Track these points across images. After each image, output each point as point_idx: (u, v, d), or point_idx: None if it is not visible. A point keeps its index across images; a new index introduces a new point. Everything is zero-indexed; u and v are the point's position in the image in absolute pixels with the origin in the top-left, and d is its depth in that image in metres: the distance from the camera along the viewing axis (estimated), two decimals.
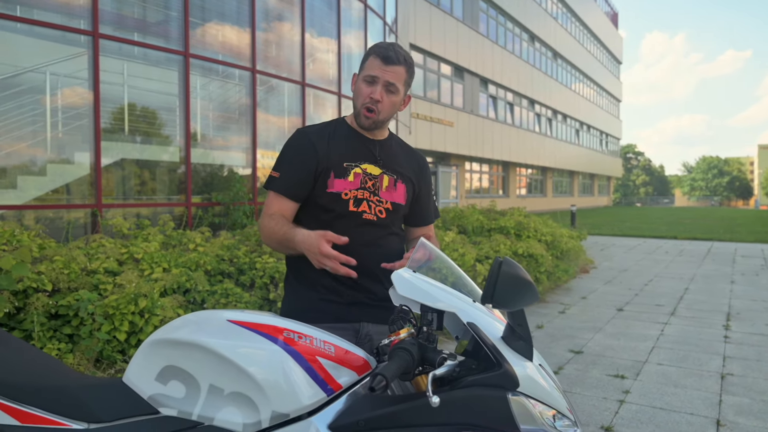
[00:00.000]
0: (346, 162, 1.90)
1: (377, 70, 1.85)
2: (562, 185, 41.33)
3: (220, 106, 8.75)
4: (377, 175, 1.93)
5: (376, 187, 1.93)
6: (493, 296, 1.26)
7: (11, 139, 6.35)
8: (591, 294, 7.99)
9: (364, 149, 1.95)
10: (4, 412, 1.38)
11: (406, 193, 1.99)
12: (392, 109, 1.91)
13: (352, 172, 1.89)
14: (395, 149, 2.03)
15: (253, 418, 1.31)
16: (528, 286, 1.27)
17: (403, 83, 1.90)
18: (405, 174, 2.00)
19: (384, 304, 1.83)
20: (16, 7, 6.33)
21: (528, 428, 1.28)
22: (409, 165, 2.05)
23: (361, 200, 1.89)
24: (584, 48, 41.30)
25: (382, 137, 2.01)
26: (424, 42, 21.44)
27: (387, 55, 1.84)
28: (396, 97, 1.89)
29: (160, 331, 1.44)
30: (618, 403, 3.90)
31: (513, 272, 1.26)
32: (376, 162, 1.94)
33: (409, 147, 2.13)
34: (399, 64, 1.86)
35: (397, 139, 2.10)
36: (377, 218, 1.90)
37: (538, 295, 1.31)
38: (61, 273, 4.02)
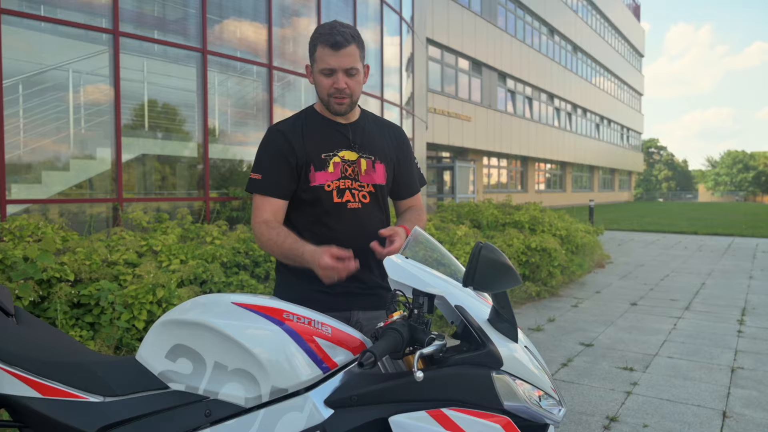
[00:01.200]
0: (324, 153, 1.90)
1: (332, 61, 1.81)
2: (582, 180, 40.98)
3: (238, 102, 8.89)
4: (355, 160, 1.93)
5: (356, 172, 1.93)
6: (474, 279, 1.33)
7: (36, 135, 6.54)
8: (605, 288, 7.99)
9: (338, 136, 1.94)
10: (27, 385, 1.50)
11: (385, 172, 1.99)
12: (359, 87, 1.90)
13: (331, 163, 1.90)
14: (369, 128, 2.01)
15: (255, 393, 1.41)
16: (507, 270, 1.34)
17: (359, 61, 1.87)
18: (382, 152, 1.99)
19: (373, 291, 1.93)
20: (41, 6, 6.51)
21: (511, 404, 1.36)
22: (385, 141, 2.03)
23: (343, 190, 1.90)
24: (605, 41, 40.82)
25: (354, 118, 1.99)
26: (441, 37, 21.42)
27: (335, 41, 1.79)
28: (359, 76, 1.87)
29: (170, 312, 1.54)
30: (625, 395, 3.95)
31: (492, 257, 1.33)
32: (351, 147, 1.93)
33: (384, 121, 2.11)
34: (349, 45, 1.81)
35: (370, 115, 2.08)
36: (362, 205, 1.92)
37: (520, 279, 1.38)
38: (83, 264, 4.17)
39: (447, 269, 1.57)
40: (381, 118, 2.12)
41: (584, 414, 3.61)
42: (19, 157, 6.28)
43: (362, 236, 1.89)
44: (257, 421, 1.40)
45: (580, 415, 3.60)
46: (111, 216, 6.94)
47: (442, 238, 6.65)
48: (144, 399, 1.48)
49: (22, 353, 1.53)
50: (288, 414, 1.39)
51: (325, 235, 1.89)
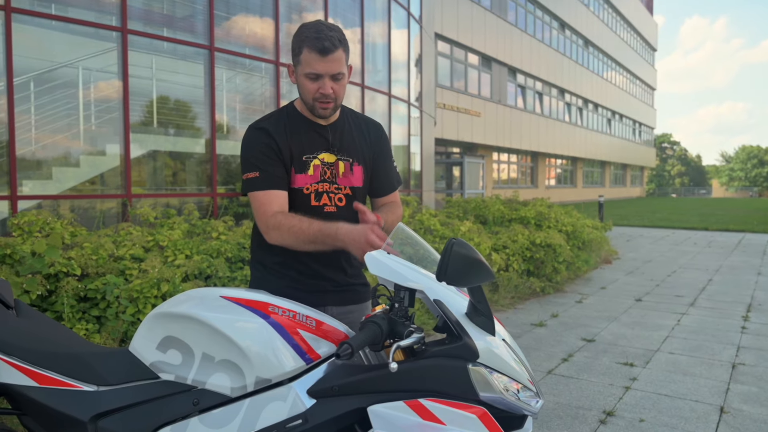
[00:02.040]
0: (305, 155, 1.91)
1: (318, 66, 1.78)
2: (593, 176, 40.76)
3: (246, 99, 8.96)
4: (333, 162, 1.94)
5: (334, 174, 1.93)
6: (446, 274, 1.37)
7: (47, 132, 6.64)
8: (611, 284, 7.99)
9: (319, 138, 1.93)
10: (25, 375, 1.56)
11: (363, 174, 1.99)
12: (343, 90, 1.89)
13: (311, 165, 1.90)
14: (348, 128, 2.00)
15: (240, 383, 1.46)
16: (479, 266, 1.38)
17: (344, 65, 1.84)
18: (359, 154, 1.98)
19: (346, 288, 1.96)
20: (51, 5, 6.61)
21: (487, 395, 1.40)
22: (364, 141, 2.01)
23: (321, 193, 1.91)
24: (617, 35, 40.49)
25: (334, 119, 1.98)
26: (450, 32, 21.37)
27: (323, 47, 1.76)
28: (344, 80, 1.86)
29: (161, 305, 1.60)
30: (623, 390, 3.97)
31: (464, 252, 1.37)
32: (330, 149, 1.94)
33: (363, 118, 2.08)
34: (336, 51, 1.78)
35: (350, 113, 2.05)
36: (337, 208, 1.93)
37: (493, 275, 1.42)
38: (90, 259, 4.26)
39: (430, 265, 1.61)
40: (361, 115, 2.10)
41: (581, 408, 3.64)
42: (30, 153, 6.39)
43: None
44: (243, 410, 1.45)
45: (577, 409, 3.63)
46: (120, 212, 7.05)
47: (446, 233, 6.69)
48: (136, 388, 1.54)
49: (21, 344, 1.60)
50: (272, 403, 1.44)
51: None
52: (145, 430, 1.50)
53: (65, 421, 1.52)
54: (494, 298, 6.47)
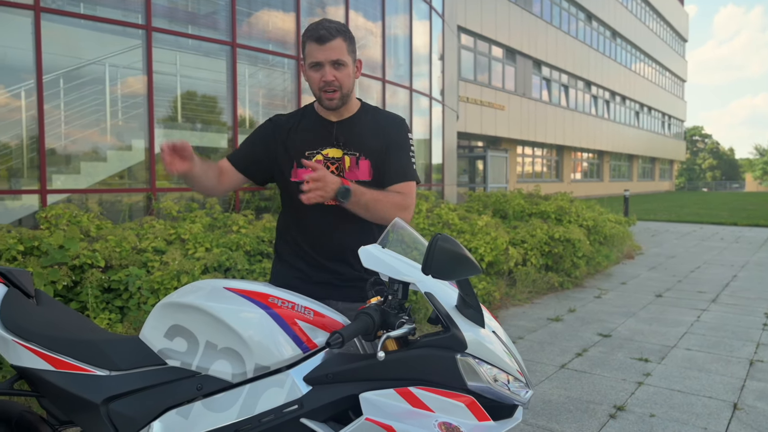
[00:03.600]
0: (308, 151, 1.97)
1: (318, 54, 1.87)
2: (620, 170, 40.16)
3: (268, 94, 9.08)
4: (339, 157, 1.97)
5: (340, 169, 1.97)
6: (431, 268, 1.42)
7: (76, 127, 6.85)
8: (632, 280, 7.92)
9: (324, 134, 1.99)
10: (42, 359, 1.67)
11: (370, 167, 1.99)
12: (349, 80, 1.93)
13: (313, 160, 1.95)
14: (361, 123, 2.02)
15: (240, 369, 1.54)
16: (463, 260, 1.43)
17: (347, 54, 1.91)
18: (368, 149, 1.99)
19: (352, 284, 1.99)
20: (80, 4, 6.80)
21: (475, 384, 1.46)
22: (377, 135, 2.01)
23: None
24: (646, 26, 39.73)
25: (348, 114, 2.02)
26: (474, 25, 21.24)
27: (319, 35, 1.86)
28: (347, 68, 1.91)
29: (169, 296, 1.68)
30: (636, 385, 3.97)
31: (448, 247, 1.41)
32: (335, 144, 1.98)
33: (384, 114, 2.09)
34: (334, 38, 1.87)
35: (371, 110, 2.07)
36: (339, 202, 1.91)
37: (479, 268, 1.46)
38: (114, 251, 4.40)
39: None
40: (383, 112, 2.10)
41: (592, 402, 3.66)
42: (59, 148, 6.60)
43: (340, 233, 1.96)
44: (243, 395, 1.53)
45: (588, 403, 3.65)
46: (145, 205, 7.23)
47: (463, 228, 6.71)
48: (144, 373, 1.63)
49: (39, 331, 1.70)
50: (270, 389, 1.52)
51: (306, 230, 2.00)
52: (153, 413, 1.59)
53: (79, 404, 1.62)
54: (511, 293, 6.48)
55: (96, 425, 1.61)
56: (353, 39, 1.95)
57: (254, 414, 1.50)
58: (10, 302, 1.76)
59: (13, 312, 1.73)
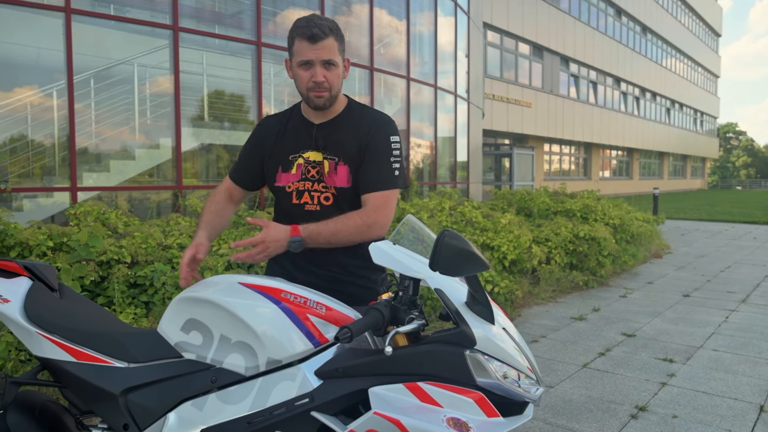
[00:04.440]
0: (291, 155, 1.95)
1: (309, 53, 1.81)
2: (650, 167, 39.43)
3: (293, 92, 9.15)
4: (320, 161, 1.92)
5: (321, 174, 1.92)
6: (438, 264, 1.43)
7: (106, 126, 7.01)
8: (659, 279, 7.79)
9: (306, 137, 1.94)
10: (64, 351, 1.72)
11: (349, 173, 1.92)
12: (338, 80, 1.88)
13: (295, 164, 1.93)
14: (343, 126, 1.95)
15: (253, 363, 1.57)
16: (469, 256, 1.43)
17: (337, 54, 1.85)
18: (347, 154, 1.92)
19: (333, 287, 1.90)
20: (110, 6, 6.95)
21: (483, 380, 1.46)
22: (357, 138, 1.92)
23: (302, 192, 1.93)
24: (677, 21, 38.89)
25: (331, 116, 1.96)
26: (500, 21, 21.08)
27: (312, 34, 1.79)
28: (337, 69, 1.86)
29: (186, 290, 1.72)
30: (659, 386, 3.91)
31: (454, 243, 1.42)
32: (315, 147, 1.93)
33: (369, 115, 1.98)
34: (327, 38, 1.81)
35: (357, 109, 1.99)
36: (321, 207, 1.92)
37: (486, 265, 1.46)
38: (140, 247, 4.50)
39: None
40: (369, 112, 1.99)
41: (613, 403, 3.62)
42: (88, 147, 6.76)
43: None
44: (255, 388, 1.56)
45: (609, 403, 3.61)
46: (173, 202, 7.37)
47: (486, 226, 6.68)
48: (161, 366, 1.67)
49: (62, 323, 1.76)
50: (282, 383, 1.54)
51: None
52: (169, 404, 1.63)
53: (99, 394, 1.67)
54: (535, 291, 6.43)
55: (114, 415, 1.66)
56: (343, 37, 1.90)
57: (266, 407, 1.53)
58: (35, 295, 1.82)
59: (37, 305, 1.79)
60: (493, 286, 5.38)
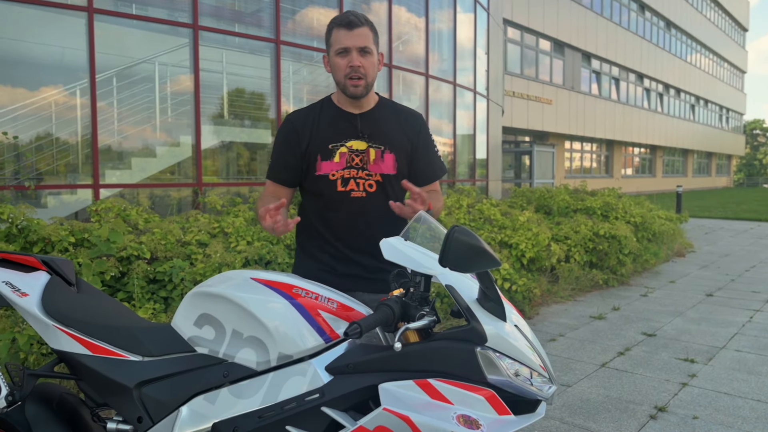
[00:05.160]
0: (331, 144, 1.98)
1: (346, 40, 1.90)
2: (674, 165, 38.81)
3: (312, 90, 9.18)
4: (364, 149, 1.98)
5: (364, 161, 1.98)
6: (448, 260, 1.42)
7: (127, 124, 7.10)
8: (681, 278, 7.66)
9: (347, 126, 1.99)
10: (81, 345, 1.75)
11: (395, 161, 2.01)
12: (374, 69, 1.96)
13: (337, 153, 1.97)
14: (383, 116, 2.04)
15: (264, 358, 1.58)
16: (480, 252, 1.41)
17: (372, 43, 1.94)
18: (392, 142, 2.01)
19: (376, 276, 2.00)
20: (132, 5, 7.04)
21: (495, 378, 1.44)
22: (401, 129, 2.04)
23: (348, 179, 1.97)
24: (702, 15, 38.18)
25: (368, 107, 2.04)
26: (521, 17, 20.90)
27: (349, 21, 1.89)
28: (372, 57, 1.94)
29: (199, 285, 1.74)
30: (680, 386, 3.85)
31: (465, 239, 1.40)
32: (360, 137, 1.98)
33: (402, 108, 2.12)
34: (363, 26, 1.91)
35: (388, 103, 2.10)
36: (366, 194, 1.97)
37: (497, 261, 1.44)
38: (159, 243, 4.55)
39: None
40: (400, 106, 2.13)
41: (632, 403, 3.57)
42: (110, 145, 6.86)
43: (366, 225, 1.97)
44: (266, 383, 1.57)
45: (628, 403, 3.56)
46: (193, 199, 7.44)
47: (505, 223, 6.63)
48: (175, 360, 1.69)
49: (78, 317, 1.78)
50: (293, 378, 1.55)
51: (331, 223, 2.01)
52: (182, 398, 1.65)
53: (114, 387, 1.70)
54: (553, 290, 6.37)
55: (129, 408, 1.68)
56: (377, 33, 2.00)
57: (277, 401, 1.54)
58: (52, 289, 1.85)
59: (55, 299, 1.82)
60: (511, 284, 5.34)
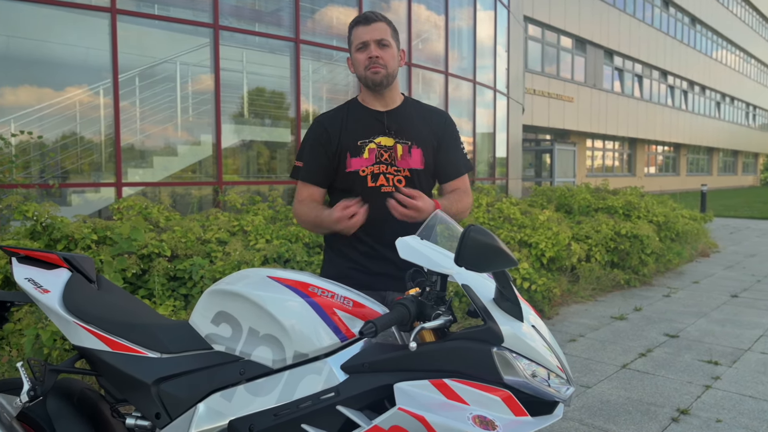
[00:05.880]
0: (360, 140, 2.03)
1: (364, 35, 1.98)
2: (698, 163, 38.15)
3: (332, 89, 9.21)
4: (391, 145, 2.04)
5: (392, 157, 2.03)
6: (463, 260, 1.40)
7: (150, 123, 7.19)
8: (705, 279, 7.53)
9: (374, 123, 2.05)
10: (101, 341, 1.77)
11: (422, 156, 2.06)
12: (394, 61, 2.02)
13: (366, 149, 2.02)
14: (409, 113, 2.10)
15: (280, 356, 1.58)
16: (496, 252, 1.39)
17: (390, 37, 2.01)
18: (419, 137, 2.06)
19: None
20: (154, 5, 7.12)
21: (511, 379, 1.43)
22: (426, 125, 2.10)
23: (377, 174, 2.02)
24: (729, 11, 37.43)
25: (393, 105, 2.10)
26: (542, 14, 20.70)
27: (366, 17, 1.99)
28: (391, 49, 2.01)
29: (216, 283, 1.75)
30: (703, 388, 3.78)
31: (480, 238, 1.39)
32: (387, 133, 2.04)
33: (427, 107, 2.18)
34: (380, 21, 1.99)
35: (414, 102, 2.16)
36: (396, 189, 1.99)
37: (514, 261, 1.42)
38: (180, 241, 4.60)
39: None
40: (425, 105, 2.19)
41: (653, 405, 3.51)
42: (134, 143, 6.95)
43: (396, 219, 1.94)
44: (282, 381, 1.57)
45: (649, 405, 3.51)
46: (213, 198, 7.51)
47: (524, 222, 6.58)
48: (192, 357, 1.70)
49: (99, 314, 1.81)
50: (308, 376, 1.55)
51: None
52: (199, 395, 1.66)
53: (132, 383, 1.72)
54: (574, 289, 6.30)
55: (147, 404, 1.70)
56: (397, 30, 2.06)
57: (293, 399, 1.54)
58: (73, 286, 1.88)
59: (76, 295, 1.85)
60: (531, 284, 5.30)
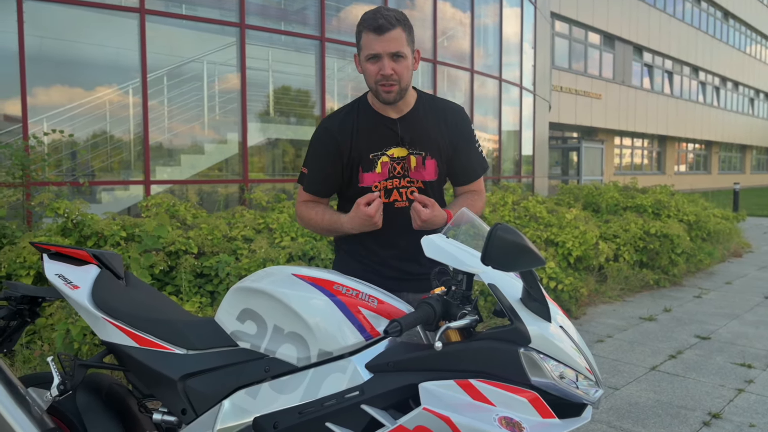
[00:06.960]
0: (372, 153, 1.90)
1: (376, 46, 1.77)
2: (731, 161, 37.28)
3: (357, 87, 9.21)
4: (404, 156, 1.92)
5: (405, 169, 1.92)
6: (490, 259, 1.38)
7: (177, 122, 7.28)
8: (738, 279, 7.34)
9: (387, 132, 1.91)
10: (129, 337, 1.79)
11: (436, 167, 1.95)
12: (408, 73, 1.83)
13: (379, 163, 1.90)
14: (421, 117, 1.94)
15: (305, 354, 1.58)
16: (523, 250, 1.37)
17: (406, 45, 1.81)
18: (434, 147, 1.94)
19: (424, 277, 1.94)
20: (182, 5, 7.21)
21: (538, 380, 1.40)
22: (441, 129, 1.95)
23: (391, 190, 1.92)
24: (763, 5, 36.44)
25: (407, 109, 1.93)
26: (569, 10, 20.43)
27: (378, 25, 1.76)
28: (406, 61, 1.81)
29: (242, 281, 1.75)
30: (736, 392, 3.69)
31: (507, 237, 1.36)
32: (400, 143, 1.91)
33: (441, 103, 2.00)
34: (393, 29, 1.77)
35: (428, 100, 1.99)
36: (409, 202, 1.91)
37: (542, 260, 1.39)
38: (206, 239, 4.65)
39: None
40: (440, 101, 2.01)
41: (684, 408, 3.44)
42: (162, 142, 7.05)
43: (410, 233, 1.90)
44: (307, 379, 1.57)
45: (679, 408, 3.43)
46: (239, 195, 7.58)
47: (551, 221, 6.50)
48: (218, 354, 1.71)
49: (126, 310, 1.83)
50: (333, 374, 1.54)
51: (375, 233, 1.91)
52: (225, 392, 1.67)
53: (159, 379, 1.73)
54: (601, 289, 6.20)
55: (173, 400, 1.71)
56: (412, 28, 1.85)
57: (317, 398, 1.54)
58: (102, 283, 1.90)
59: (104, 292, 1.87)
60: (557, 283, 5.23)
